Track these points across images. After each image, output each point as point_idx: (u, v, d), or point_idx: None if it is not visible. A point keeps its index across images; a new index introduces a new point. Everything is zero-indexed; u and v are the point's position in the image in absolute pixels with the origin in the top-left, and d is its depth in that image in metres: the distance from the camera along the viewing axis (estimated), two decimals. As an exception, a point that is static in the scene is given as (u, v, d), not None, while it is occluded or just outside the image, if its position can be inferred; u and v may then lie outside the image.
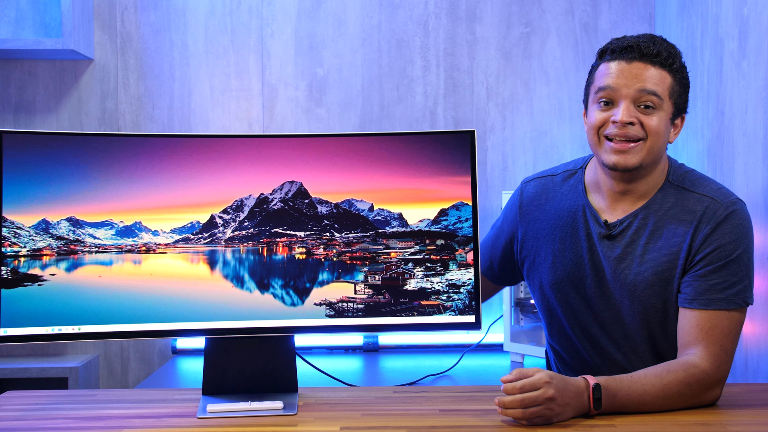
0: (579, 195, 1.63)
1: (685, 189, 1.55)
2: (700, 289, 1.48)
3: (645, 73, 1.48)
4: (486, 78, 2.63)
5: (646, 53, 1.49)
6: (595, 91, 1.53)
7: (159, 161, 1.53)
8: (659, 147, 1.51)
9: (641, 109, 1.49)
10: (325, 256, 1.57)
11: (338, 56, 2.62)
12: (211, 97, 2.62)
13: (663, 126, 1.50)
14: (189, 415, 1.46)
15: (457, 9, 2.62)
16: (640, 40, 1.50)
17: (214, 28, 2.61)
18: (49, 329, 1.49)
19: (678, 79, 1.51)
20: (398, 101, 2.63)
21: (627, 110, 1.48)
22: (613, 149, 1.50)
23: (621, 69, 1.49)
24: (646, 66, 1.49)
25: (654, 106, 1.49)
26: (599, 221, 1.58)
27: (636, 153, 1.49)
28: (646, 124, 1.49)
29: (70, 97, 2.60)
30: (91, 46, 2.57)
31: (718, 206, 1.50)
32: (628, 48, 1.49)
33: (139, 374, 2.62)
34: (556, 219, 1.64)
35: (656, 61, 1.49)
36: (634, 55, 1.49)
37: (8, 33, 2.50)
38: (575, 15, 2.62)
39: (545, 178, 1.71)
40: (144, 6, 2.60)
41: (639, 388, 1.41)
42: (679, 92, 1.52)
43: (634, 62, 1.49)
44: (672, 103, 1.51)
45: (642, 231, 1.55)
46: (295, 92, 2.63)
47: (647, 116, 1.49)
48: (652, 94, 1.48)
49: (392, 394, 1.61)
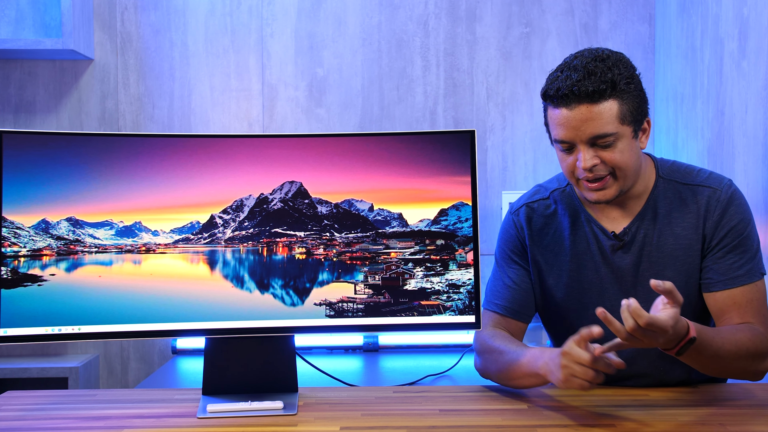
0: (578, 210, 1.64)
1: (678, 182, 1.59)
2: (721, 270, 1.54)
3: (590, 116, 1.45)
4: (486, 78, 2.63)
5: (583, 96, 1.44)
6: (554, 139, 1.54)
7: (159, 161, 1.53)
8: (631, 170, 1.52)
9: (599, 148, 1.48)
10: (325, 256, 1.57)
11: (338, 56, 2.62)
12: (211, 97, 2.62)
13: (627, 151, 1.49)
14: (189, 415, 1.46)
15: (457, 9, 2.62)
16: (573, 82, 1.45)
17: (214, 28, 2.61)
18: (49, 329, 1.49)
19: (626, 98, 1.47)
20: (398, 101, 2.63)
21: (586, 155, 1.48)
22: (590, 188, 1.52)
23: (566, 118, 1.47)
24: (589, 107, 1.45)
25: (611, 142, 1.48)
26: (607, 234, 1.59)
27: (610, 186, 1.51)
28: (608, 159, 1.48)
29: (70, 97, 2.60)
30: (91, 46, 2.57)
31: (718, 193, 1.56)
32: (564, 96, 1.46)
33: (139, 374, 2.62)
34: (564, 239, 1.63)
35: (596, 97, 1.45)
36: (572, 100, 1.46)
37: (8, 33, 2.50)
38: (575, 15, 2.62)
39: (537, 202, 1.68)
40: (144, 6, 2.60)
41: (719, 341, 1.41)
42: (631, 109, 1.48)
43: (575, 107, 1.46)
44: (628, 124, 1.48)
45: (651, 232, 1.58)
46: (295, 92, 2.63)
47: (607, 152, 1.48)
48: (605, 136, 1.47)
49: (392, 394, 1.61)
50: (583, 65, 1.46)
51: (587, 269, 1.61)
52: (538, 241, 1.66)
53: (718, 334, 1.42)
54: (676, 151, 2.43)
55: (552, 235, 1.65)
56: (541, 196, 1.69)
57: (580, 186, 1.55)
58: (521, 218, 1.67)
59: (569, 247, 1.62)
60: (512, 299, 1.64)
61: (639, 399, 1.52)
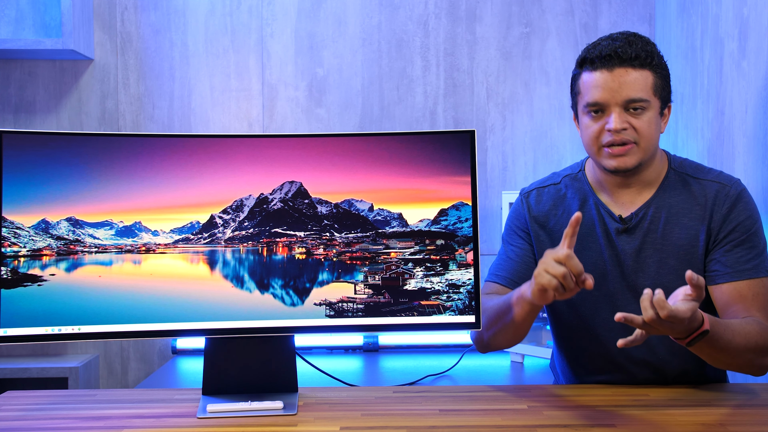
0: (588, 194, 1.67)
1: (689, 176, 1.63)
2: (729, 263, 1.56)
3: (628, 79, 1.52)
4: (486, 78, 2.63)
5: (625, 58, 1.52)
6: (584, 105, 1.57)
7: (159, 161, 1.53)
8: (653, 144, 1.57)
9: (631, 113, 1.54)
10: (325, 256, 1.57)
11: (338, 56, 2.62)
12: (211, 97, 2.62)
13: (654, 124, 1.56)
14: (189, 415, 1.46)
15: (457, 9, 2.62)
16: (617, 46, 1.52)
17: (214, 28, 2.61)
18: (49, 329, 1.49)
19: (659, 73, 1.56)
20: (398, 101, 2.63)
21: (618, 118, 1.53)
22: (611, 154, 1.56)
23: (605, 79, 1.53)
24: (628, 71, 1.52)
25: (643, 108, 1.54)
26: (614, 217, 1.62)
27: (633, 154, 1.55)
28: (638, 127, 1.54)
29: (70, 97, 2.60)
30: (91, 46, 2.57)
31: (728, 188, 1.59)
32: (607, 57, 1.52)
33: (139, 374, 2.62)
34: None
35: (636, 63, 1.52)
36: (614, 63, 1.52)
37: (8, 33, 2.50)
38: (575, 15, 2.62)
39: (547, 186, 1.73)
40: (144, 6, 2.60)
41: (729, 334, 1.42)
42: (662, 86, 1.57)
43: (616, 69, 1.52)
44: (658, 99, 1.56)
45: (657, 219, 1.60)
46: (295, 92, 2.63)
47: (637, 119, 1.54)
48: (639, 101, 1.53)
49: (392, 394, 1.61)
50: (624, 36, 1.55)
51: (591, 251, 1.63)
52: (545, 223, 1.69)
53: (728, 327, 1.43)
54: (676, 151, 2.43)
55: (559, 217, 1.68)
56: (553, 181, 1.73)
57: (601, 154, 1.57)
58: (531, 200, 1.72)
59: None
60: (513, 271, 1.68)
61: (639, 399, 1.52)
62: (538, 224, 1.69)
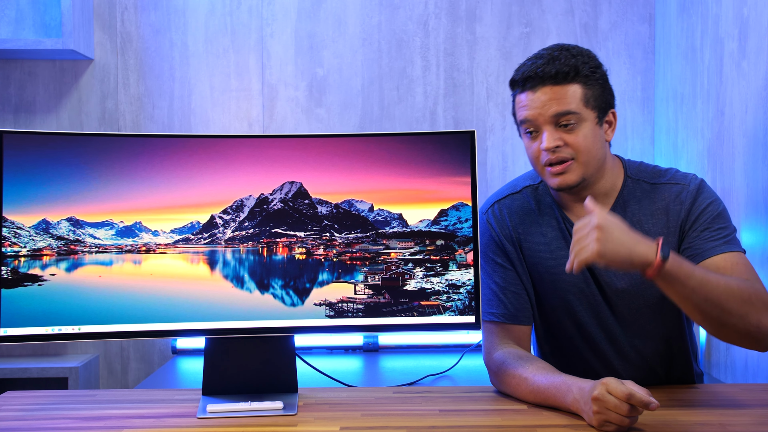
0: (553, 207, 1.64)
1: (646, 182, 1.60)
2: (700, 244, 1.53)
3: (553, 97, 1.50)
4: (486, 78, 2.63)
5: (546, 77, 1.50)
6: (519, 124, 1.57)
7: (159, 161, 1.53)
8: (594, 157, 1.53)
9: (563, 129, 1.51)
10: (325, 257, 1.57)
11: (338, 56, 2.62)
12: (211, 97, 2.62)
13: (590, 137, 1.52)
14: (189, 415, 1.46)
15: (457, 9, 2.62)
16: (537, 65, 1.51)
17: (214, 28, 2.61)
18: (49, 329, 1.49)
19: (590, 84, 1.52)
20: (398, 101, 2.63)
21: (550, 136, 1.51)
22: (552, 173, 1.54)
23: (530, 99, 1.52)
24: (552, 88, 1.50)
25: (574, 122, 1.51)
26: None
27: (572, 171, 1.52)
28: (571, 142, 1.51)
29: (70, 97, 2.60)
30: (91, 46, 2.57)
31: (686, 187, 1.58)
32: (528, 78, 1.52)
33: (139, 374, 2.62)
34: (544, 233, 1.63)
35: (559, 79, 1.50)
36: (536, 83, 1.51)
37: (8, 33, 2.50)
38: (575, 15, 2.62)
39: (506, 198, 1.67)
40: (144, 6, 2.60)
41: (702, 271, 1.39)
42: (596, 95, 1.53)
43: (538, 88, 1.51)
44: (592, 110, 1.52)
45: None
46: (295, 92, 2.63)
47: (571, 134, 1.51)
48: (567, 114, 1.50)
49: (392, 395, 1.61)
50: (548, 53, 1.54)
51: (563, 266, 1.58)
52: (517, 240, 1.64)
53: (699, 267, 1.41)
54: (676, 151, 2.43)
55: (526, 231, 1.64)
56: (511, 191, 1.68)
57: (544, 173, 1.56)
58: (491, 218, 1.67)
59: (546, 244, 1.62)
60: (506, 304, 1.61)
61: (639, 399, 1.52)
62: (510, 241, 1.64)
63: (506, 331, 1.60)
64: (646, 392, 1.28)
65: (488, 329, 1.62)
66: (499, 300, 1.61)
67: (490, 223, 1.66)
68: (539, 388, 1.45)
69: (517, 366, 1.51)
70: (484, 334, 1.62)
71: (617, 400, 1.29)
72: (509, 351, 1.56)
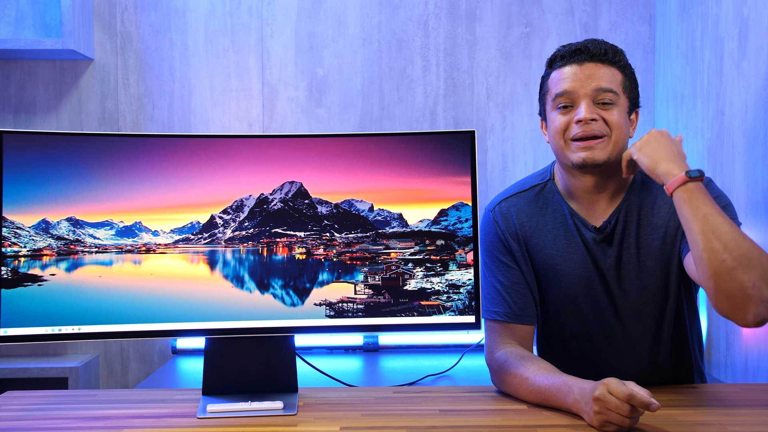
0: (561, 204, 1.63)
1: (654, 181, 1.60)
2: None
3: (598, 73, 1.54)
4: (486, 78, 2.63)
5: (595, 53, 1.55)
6: (553, 98, 1.57)
7: (159, 161, 1.53)
8: (623, 141, 1.56)
9: (600, 106, 1.54)
10: (325, 257, 1.57)
11: (338, 56, 2.62)
12: (211, 97, 2.62)
13: (623, 120, 1.56)
14: (189, 415, 1.46)
15: (457, 9, 2.62)
16: (587, 43, 1.56)
17: (214, 28, 2.61)
18: (49, 329, 1.49)
19: (627, 74, 1.58)
20: (398, 101, 2.63)
21: (588, 108, 1.53)
22: (580, 147, 1.54)
23: (574, 72, 1.55)
24: (597, 66, 1.55)
25: (612, 102, 1.54)
26: (588, 227, 1.60)
27: (602, 149, 1.53)
28: (608, 119, 1.54)
29: (70, 97, 2.60)
30: (91, 46, 2.57)
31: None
32: (577, 51, 1.56)
33: (139, 374, 2.62)
34: (550, 231, 1.63)
35: (605, 59, 1.55)
36: (584, 57, 1.55)
37: (8, 33, 2.50)
38: (575, 15, 2.62)
39: (515, 196, 1.67)
40: (144, 6, 2.60)
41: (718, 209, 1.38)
42: (630, 87, 1.59)
43: (585, 63, 1.55)
44: (627, 98, 1.58)
45: (630, 224, 1.58)
46: (295, 92, 2.63)
47: (607, 112, 1.54)
48: (609, 91, 1.54)
49: (392, 395, 1.61)
50: (592, 40, 1.59)
51: (574, 262, 1.60)
52: (523, 238, 1.63)
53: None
54: (676, 151, 2.43)
55: (533, 229, 1.63)
56: (519, 189, 1.68)
57: (568, 147, 1.55)
58: (497, 215, 1.66)
59: (553, 241, 1.62)
60: (509, 303, 1.60)
61: (639, 399, 1.52)
62: (515, 239, 1.63)
63: (509, 331, 1.60)
64: (647, 393, 1.28)
65: (491, 328, 1.62)
66: (503, 299, 1.61)
67: (496, 221, 1.66)
68: (540, 389, 1.45)
69: (518, 366, 1.51)
70: (487, 333, 1.62)
71: (618, 401, 1.29)
72: (511, 350, 1.56)
